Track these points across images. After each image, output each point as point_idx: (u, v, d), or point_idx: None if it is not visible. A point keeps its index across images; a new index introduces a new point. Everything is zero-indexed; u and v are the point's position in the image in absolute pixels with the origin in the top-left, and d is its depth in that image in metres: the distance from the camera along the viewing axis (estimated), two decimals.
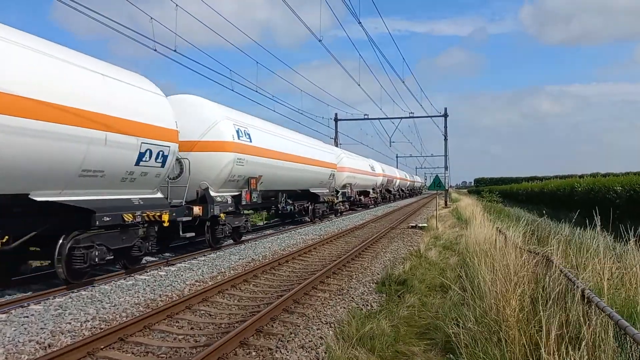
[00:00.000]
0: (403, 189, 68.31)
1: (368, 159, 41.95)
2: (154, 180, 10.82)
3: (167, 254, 13.36)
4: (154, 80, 11.34)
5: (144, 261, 11.19)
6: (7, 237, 7.80)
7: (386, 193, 50.63)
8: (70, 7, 8.83)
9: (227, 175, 14.08)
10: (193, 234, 12.76)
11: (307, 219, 24.28)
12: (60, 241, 8.46)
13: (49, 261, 9.18)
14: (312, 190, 23.20)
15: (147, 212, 10.31)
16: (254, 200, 15.53)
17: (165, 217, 10.69)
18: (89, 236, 8.89)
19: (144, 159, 10.06)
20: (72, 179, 8.46)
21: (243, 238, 16.18)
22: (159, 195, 11.32)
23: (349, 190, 31.58)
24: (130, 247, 10.11)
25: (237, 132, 14.50)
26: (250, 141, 15.30)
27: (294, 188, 21.26)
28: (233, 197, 14.66)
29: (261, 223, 24.71)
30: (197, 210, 12.39)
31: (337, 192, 28.92)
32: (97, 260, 8.98)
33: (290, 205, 20.73)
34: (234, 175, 14.44)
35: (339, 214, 29.38)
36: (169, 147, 10.93)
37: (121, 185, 9.83)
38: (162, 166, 10.82)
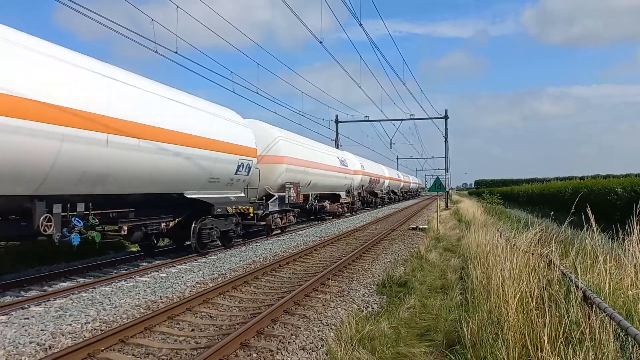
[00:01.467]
0: (395, 190, 58.15)
1: (341, 151, 32.93)
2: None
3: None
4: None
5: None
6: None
7: (370, 197, 40.67)
8: (71, 9, 8.85)
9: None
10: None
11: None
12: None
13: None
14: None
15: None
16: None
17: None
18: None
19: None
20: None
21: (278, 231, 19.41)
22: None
23: (292, 194, 19.62)
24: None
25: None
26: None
27: None
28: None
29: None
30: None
31: (262, 199, 18.27)
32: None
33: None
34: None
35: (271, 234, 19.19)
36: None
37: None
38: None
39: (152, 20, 11.39)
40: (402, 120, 45.23)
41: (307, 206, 23.35)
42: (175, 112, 11.50)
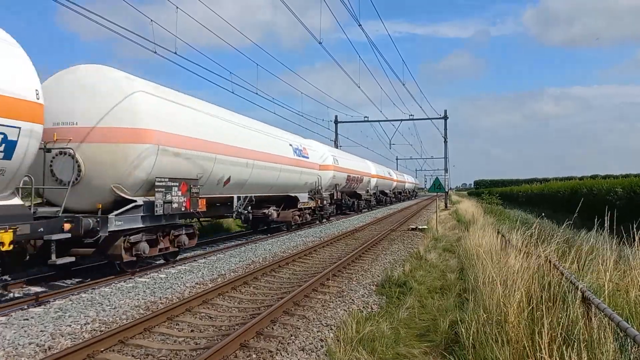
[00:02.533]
0: (387, 191, 49.44)
1: (298, 137, 22.90)
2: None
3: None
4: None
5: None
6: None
7: (350, 199, 32.73)
8: (69, 9, 8.84)
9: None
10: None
11: None
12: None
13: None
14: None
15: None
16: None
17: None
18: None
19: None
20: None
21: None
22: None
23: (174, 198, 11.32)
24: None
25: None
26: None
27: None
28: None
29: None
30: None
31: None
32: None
33: None
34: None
35: None
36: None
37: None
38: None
39: (152, 21, 11.39)
40: (401, 120, 45.28)
41: (233, 214, 15.51)
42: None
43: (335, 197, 27.50)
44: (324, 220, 26.04)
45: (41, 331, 6.45)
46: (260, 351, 5.80)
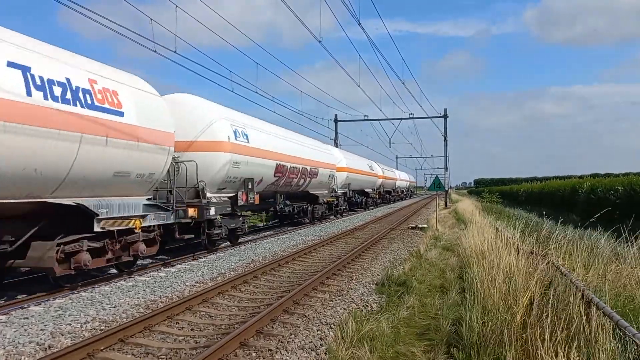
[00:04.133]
0: (368, 190, 39.44)
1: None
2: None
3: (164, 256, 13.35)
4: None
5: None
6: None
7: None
8: (68, 8, 8.82)
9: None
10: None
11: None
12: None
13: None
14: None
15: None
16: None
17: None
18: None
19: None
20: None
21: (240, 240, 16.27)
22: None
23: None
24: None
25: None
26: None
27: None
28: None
29: (261, 224, 24.69)
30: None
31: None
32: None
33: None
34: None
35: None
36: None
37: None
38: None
39: (151, 20, 11.39)
40: (401, 119, 45.27)
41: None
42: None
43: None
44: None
45: (41, 330, 6.45)
46: (260, 350, 5.80)
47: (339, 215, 29.24)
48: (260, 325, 6.58)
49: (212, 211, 13.13)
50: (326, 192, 25.55)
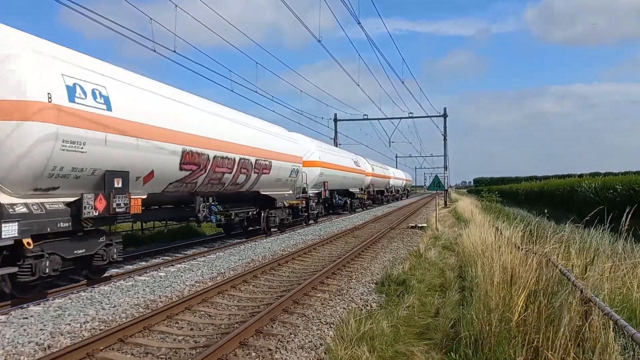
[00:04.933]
0: (354, 191, 34.03)
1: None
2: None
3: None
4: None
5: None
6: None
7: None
8: (69, 8, 8.81)
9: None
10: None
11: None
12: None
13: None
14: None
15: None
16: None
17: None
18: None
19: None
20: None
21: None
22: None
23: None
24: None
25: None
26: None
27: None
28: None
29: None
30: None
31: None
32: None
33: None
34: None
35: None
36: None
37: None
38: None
39: (151, 19, 11.38)
40: (400, 118, 45.25)
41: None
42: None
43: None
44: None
45: (40, 330, 6.45)
46: (259, 349, 5.80)
47: (311, 222, 23.71)
48: (259, 325, 6.58)
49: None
50: (289, 192, 20.17)
